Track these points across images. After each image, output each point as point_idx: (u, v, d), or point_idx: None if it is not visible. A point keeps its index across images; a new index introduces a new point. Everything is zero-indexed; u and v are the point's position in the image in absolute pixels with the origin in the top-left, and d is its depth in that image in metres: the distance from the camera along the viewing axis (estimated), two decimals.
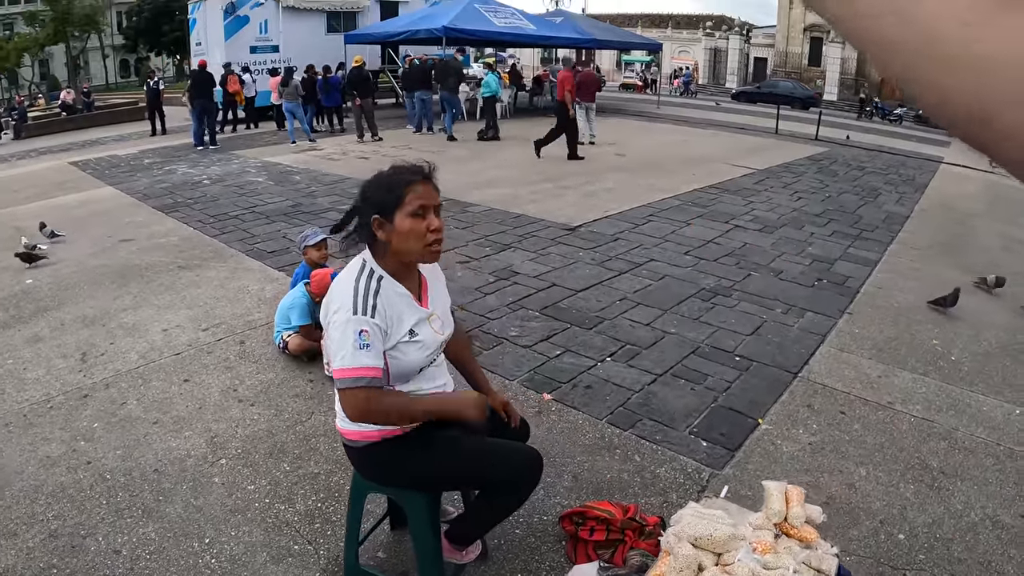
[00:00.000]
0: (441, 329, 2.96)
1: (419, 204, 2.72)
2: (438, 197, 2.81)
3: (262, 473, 4.30)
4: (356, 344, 2.60)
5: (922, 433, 4.90)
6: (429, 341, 2.87)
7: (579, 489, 4.12)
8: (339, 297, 2.71)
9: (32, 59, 74.85)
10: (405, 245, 2.75)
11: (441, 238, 2.77)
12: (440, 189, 2.88)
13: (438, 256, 2.83)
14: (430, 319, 2.90)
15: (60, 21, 67.77)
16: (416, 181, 2.76)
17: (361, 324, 2.62)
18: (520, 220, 10.50)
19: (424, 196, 2.74)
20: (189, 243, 9.56)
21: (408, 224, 2.71)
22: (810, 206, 12.38)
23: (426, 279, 3.00)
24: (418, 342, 2.81)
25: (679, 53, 70.59)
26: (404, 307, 2.81)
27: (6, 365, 5.97)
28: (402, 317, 2.78)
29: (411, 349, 2.79)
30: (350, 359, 2.60)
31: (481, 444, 2.88)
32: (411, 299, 2.86)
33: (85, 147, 23.06)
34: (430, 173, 2.82)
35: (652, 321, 6.74)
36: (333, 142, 20.07)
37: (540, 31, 27.20)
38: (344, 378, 2.61)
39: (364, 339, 2.61)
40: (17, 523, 3.86)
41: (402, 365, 2.76)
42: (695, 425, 4.88)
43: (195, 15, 29.04)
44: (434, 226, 2.73)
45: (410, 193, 2.73)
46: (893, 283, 8.28)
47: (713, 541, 2.89)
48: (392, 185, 2.78)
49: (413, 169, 2.81)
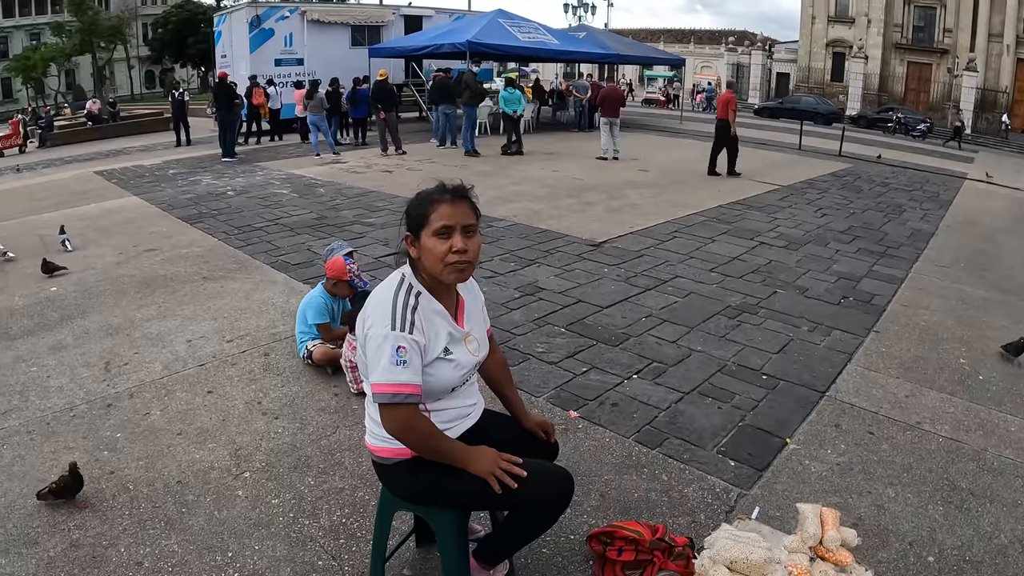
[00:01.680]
0: (476, 350, 2.95)
1: (442, 224, 2.71)
2: (470, 217, 2.77)
3: (286, 487, 4.29)
4: (393, 360, 2.60)
5: (951, 453, 4.85)
6: (463, 361, 2.86)
7: (606, 508, 4.09)
8: (376, 311, 2.71)
9: (58, 69, 75.70)
10: (429, 265, 2.75)
11: (463, 259, 2.73)
12: (478, 209, 2.86)
13: (461, 276, 2.80)
14: (466, 339, 2.90)
15: (87, 32, 68.67)
16: (443, 200, 2.75)
17: (399, 340, 2.62)
18: (545, 235, 10.49)
19: (448, 216, 2.72)
20: (213, 254, 9.61)
21: (431, 243, 2.72)
22: (835, 223, 12.32)
23: (463, 299, 2.99)
24: (452, 361, 2.81)
25: (702, 68, 70.61)
26: (441, 324, 2.80)
27: (30, 372, 6.00)
28: (439, 334, 2.78)
29: (445, 368, 2.78)
30: (387, 375, 2.60)
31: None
32: (448, 317, 2.85)
33: (110, 157, 23.34)
34: (463, 192, 2.81)
35: (678, 338, 6.71)
36: (357, 155, 20.19)
37: (563, 46, 27.29)
38: (383, 393, 2.62)
39: (401, 355, 2.61)
40: (38, 531, 3.86)
41: (434, 383, 2.75)
42: (722, 444, 4.85)
43: (220, 28, 29.51)
44: (456, 247, 2.70)
45: (434, 212, 2.73)
46: (919, 301, 8.22)
47: (749, 565, 2.86)
48: (421, 204, 2.78)
49: (443, 188, 2.81)
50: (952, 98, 51.17)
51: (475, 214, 2.81)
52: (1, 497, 4.18)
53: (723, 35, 77.46)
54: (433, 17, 31.31)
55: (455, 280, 2.80)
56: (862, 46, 57.58)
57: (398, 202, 12.74)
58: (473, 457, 2.76)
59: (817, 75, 62.21)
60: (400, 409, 2.63)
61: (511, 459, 2.78)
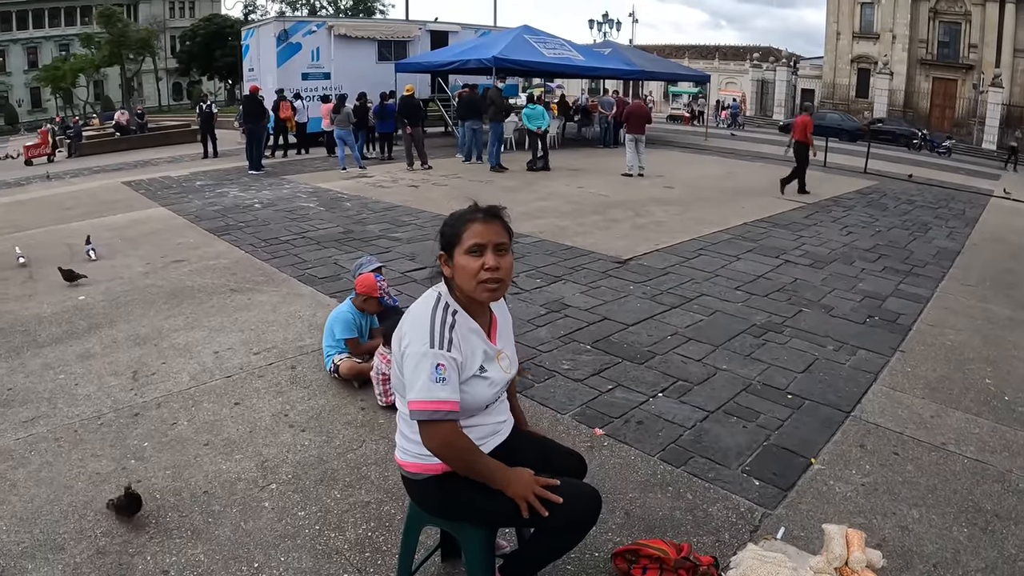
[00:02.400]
0: (508, 368, 2.99)
1: (474, 242, 2.76)
2: (502, 236, 2.82)
3: (312, 500, 4.32)
4: (432, 377, 2.63)
5: (976, 475, 4.83)
6: (497, 378, 2.90)
7: (631, 526, 4.10)
8: (413, 329, 2.75)
9: (87, 80, 76.48)
10: (462, 283, 2.80)
11: (495, 277, 2.77)
12: (510, 228, 2.90)
13: (493, 295, 2.83)
14: (498, 356, 2.94)
15: (116, 44, 69.31)
16: (476, 219, 2.80)
17: (438, 358, 2.65)
18: (571, 252, 10.52)
19: (480, 234, 2.77)
20: (240, 266, 9.71)
21: (464, 261, 2.77)
22: (860, 241, 12.29)
23: (496, 317, 3.04)
24: (487, 378, 2.85)
25: (726, 85, 70.49)
26: (476, 343, 2.85)
27: (58, 380, 6.08)
28: (475, 352, 2.82)
29: (480, 385, 2.82)
30: (426, 392, 2.63)
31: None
32: (483, 335, 2.90)
33: (138, 167, 23.62)
34: (496, 212, 2.86)
35: (704, 357, 6.72)
36: (383, 170, 20.34)
37: (589, 62, 27.34)
38: (422, 410, 2.65)
39: (440, 373, 2.64)
40: (65, 537, 3.91)
41: (469, 400, 2.78)
42: (747, 463, 4.85)
43: (248, 41, 29.77)
44: (488, 264, 2.75)
45: (467, 231, 2.78)
46: (945, 320, 8.19)
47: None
48: (455, 223, 2.84)
49: (476, 207, 2.86)
50: (977, 114, 50.90)
51: (508, 233, 2.86)
52: (28, 503, 4.24)
53: (748, 51, 77.21)
54: (459, 33, 31.49)
55: (487, 298, 2.83)
56: (887, 62, 57.36)
57: (424, 217, 12.87)
58: (511, 479, 2.78)
59: (842, 91, 62.00)
60: (440, 426, 2.66)
61: (548, 483, 2.81)
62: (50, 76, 72.44)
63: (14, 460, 4.76)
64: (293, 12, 76.38)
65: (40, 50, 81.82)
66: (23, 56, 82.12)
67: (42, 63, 78.41)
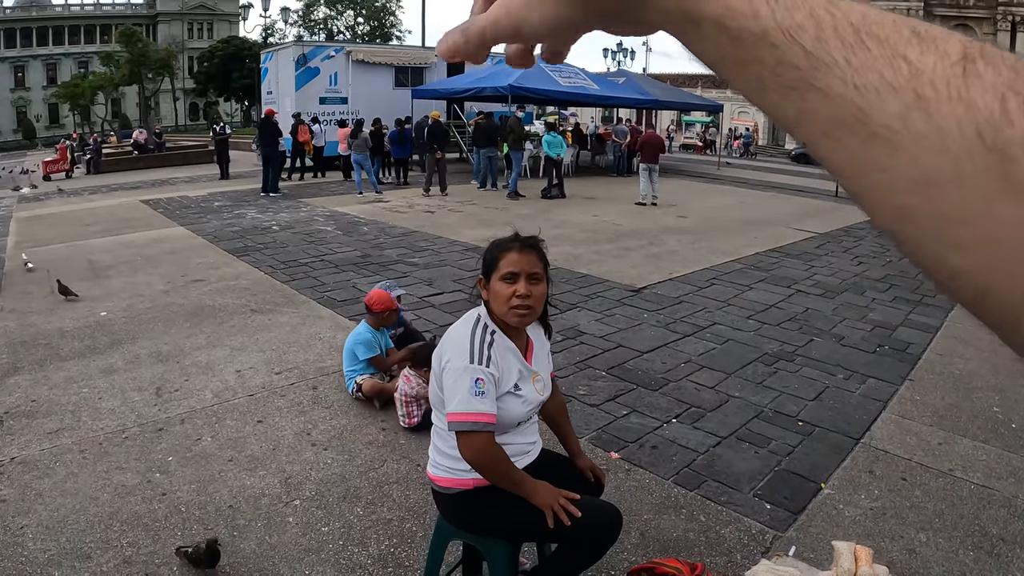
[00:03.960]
0: (542, 390, 3.13)
1: (509, 270, 2.91)
2: (536, 266, 2.97)
3: (336, 516, 4.43)
4: (472, 391, 2.78)
5: (982, 500, 4.92)
6: (530, 398, 3.03)
7: (646, 546, 4.22)
8: (454, 347, 2.90)
9: (106, 98, 76.88)
10: (495, 307, 2.96)
11: (526, 304, 2.91)
12: (546, 259, 3.06)
13: (522, 320, 2.97)
14: (533, 378, 3.07)
15: (136, 63, 69.60)
16: (512, 248, 2.96)
17: (477, 373, 2.80)
18: (585, 280, 10.63)
19: (516, 263, 2.93)
20: (260, 287, 9.85)
21: (498, 287, 2.93)
22: (871, 271, 12.35)
23: (532, 341, 3.18)
24: (521, 397, 2.98)
25: (739, 114, 70.47)
26: (512, 361, 2.99)
27: (81, 393, 6.22)
28: (511, 370, 2.96)
29: (514, 403, 2.96)
30: (466, 404, 2.77)
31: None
32: (519, 355, 3.04)
33: (155, 186, 23.84)
34: (532, 243, 3.02)
35: (716, 384, 6.83)
36: (399, 195, 20.48)
37: (603, 91, 27.41)
38: (462, 421, 2.78)
39: (480, 387, 2.78)
40: (91, 546, 4.01)
41: (503, 416, 2.91)
42: (759, 488, 4.96)
43: (267, 64, 29.97)
44: (519, 292, 2.89)
45: (504, 259, 2.94)
46: (954, 349, 8.25)
47: None
48: (494, 250, 3.01)
49: (515, 237, 3.03)
50: None
51: (543, 264, 3.02)
52: (54, 512, 4.36)
53: None
54: None
55: (517, 323, 2.97)
56: None
57: (441, 243, 12.99)
58: (538, 489, 2.92)
59: None
60: (478, 436, 2.80)
61: (570, 495, 2.93)
62: (69, 93, 72.67)
63: (39, 470, 4.88)
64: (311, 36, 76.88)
65: (59, 67, 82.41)
66: (42, 72, 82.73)
67: (61, 80, 78.81)
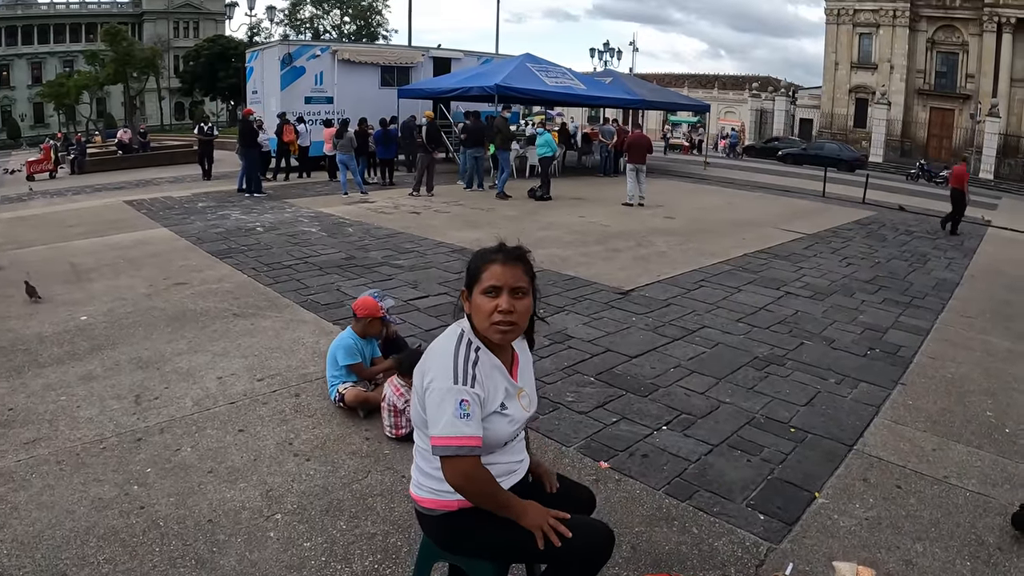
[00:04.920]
0: (528, 406, 3.02)
1: (491, 284, 2.79)
2: (520, 280, 2.83)
3: (318, 530, 4.32)
4: (456, 413, 2.65)
5: (978, 508, 4.87)
6: (516, 416, 2.92)
7: (637, 560, 4.13)
8: (437, 365, 2.77)
9: (91, 97, 76.70)
10: (476, 322, 2.84)
11: (508, 320, 2.78)
12: (533, 271, 2.93)
13: (504, 337, 2.83)
14: (519, 394, 2.96)
15: (121, 62, 69.45)
16: (495, 260, 2.83)
17: (462, 394, 2.68)
18: (573, 282, 10.57)
19: (497, 276, 2.79)
20: (243, 290, 9.73)
21: (480, 301, 2.80)
22: (860, 272, 12.38)
23: (518, 355, 3.07)
24: (507, 416, 2.87)
25: (725, 114, 70.74)
26: (499, 379, 2.87)
27: (59, 401, 6.07)
28: (497, 389, 2.85)
29: (500, 422, 2.85)
30: (451, 428, 2.65)
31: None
32: (505, 372, 2.93)
33: (140, 187, 23.80)
34: (518, 254, 2.89)
35: (707, 390, 6.76)
36: (384, 195, 20.43)
37: (590, 91, 27.49)
38: (446, 446, 2.66)
39: (465, 408, 2.66)
40: (67, 563, 3.90)
41: (490, 436, 2.79)
42: (752, 498, 4.89)
43: (253, 64, 29.99)
44: (501, 307, 2.77)
45: (486, 271, 2.81)
46: (945, 353, 8.24)
47: None
48: (476, 262, 2.88)
49: (500, 248, 2.89)
50: (974, 144, 51.10)
51: (528, 277, 2.88)
52: (30, 527, 4.23)
53: (747, 80, 77.59)
54: (462, 60, 31.68)
55: (499, 340, 2.85)
56: (885, 92, 57.57)
57: (426, 244, 12.93)
58: (527, 509, 2.81)
59: (840, 121, 62.20)
60: (464, 461, 2.68)
61: (559, 515, 2.83)
62: (54, 92, 72.58)
63: (15, 482, 4.75)
64: (297, 35, 76.81)
65: (44, 65, 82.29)
66: (27, 71, 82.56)
67: (46, 79, 78.77)
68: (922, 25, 58.07)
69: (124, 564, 3.92)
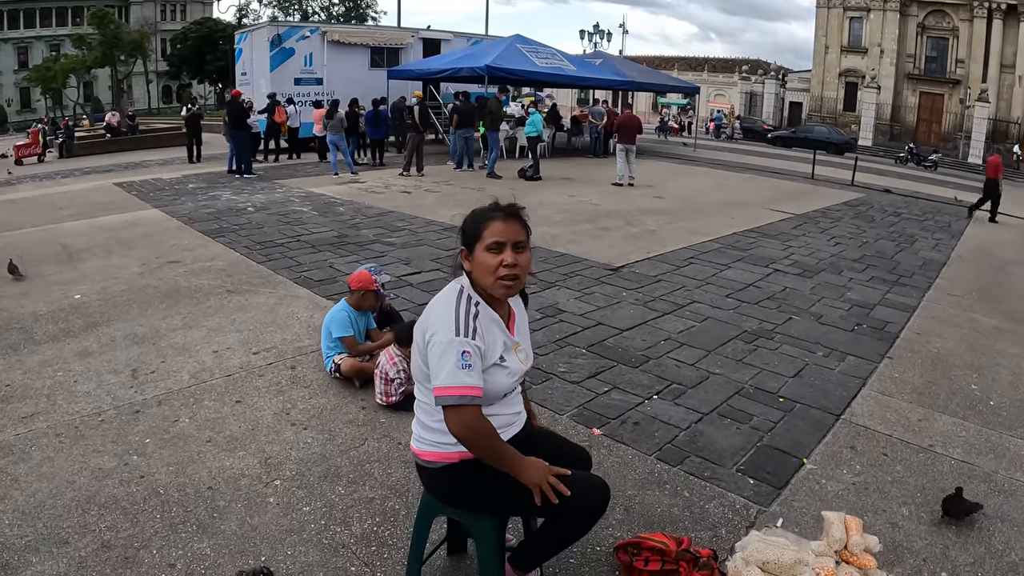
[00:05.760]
0: (524, 360, 3.08)
1: (494, 240, 2.84)
2: (521, 234, 2.90)
3: (317, 495, 4.37)
4: (459, 364, 2.71)
5: (963, 475, 4.94)
6: (515, 369, 2.99)
7: (630, 522, 4.20)
8: (439, 319, 2.83)
9: (78, 81, 75.92)
10: (480, 277, 2.89)
11: (513, 274, 2.85)
12: (529, 227, 2.99)
13: (508, 291, 2.91)
14: (516, 348, 3.02)
15: (108, 46, 68.78)
16: (496, 217, 2.89)
17: (464, 345, 2.74)
18: (564, 259, 10.60)
19: (501, 232, 2.86)
20: (236, 268, 9.74)
21: (483, 257, 2.86)
22: (848, 251, 12.45)
23: (514, 311, 3.12)
24: (506, 368, 2.93)
25: (715, 96, 70.71)
26: (497, 333, 2.93)
27: (56, 377, 6.10)
28: (496, 342, 2.91)
29: (500, 374, 2.91)
30: (453, 378, 2.70)
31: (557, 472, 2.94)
32: (503, 326, 2.98)
33: (129, 169, 23.61)
34: (515, 211, 2.95)
35: (697, 361, 6.83)
36: (375, 175, 20.39)
37: (580, 72, 27.46)
38: (449, 395, 2.71)
39: (466, 359, 2.72)
40: (69, 531, 3.93)
41: (490, 388, 2.85)
42: (742, 463, 4.96)
43: (241, 45, 29.75)
44: (506, 261, 2.83)
45: (488, 228, 2.86)
46: (931, 329, 8.32)
47: (779, 566, 2.99)
48: (476, 220, 2.93)
49: (497, 206, 2.95)
50: (964, 128, 51.23)
51: (526, 232, 2.95)
52: (31, 497, 4.26)
53: (737, 64, 77.62)
54: (451, 41, 31.51)
55: (503, 294, 2.92)
56: (875, 76, 57.60)
57: (418, 223, 12.95)
58: (526, 466, 2.86)
59: (830, 104, 62.21)
60: (466, 411, 2.73)
61: (560, 472, 2.89)
62: (40, 76, 71.76)
63: (15, 455, 4.77)
64: (285, 17, 76.31)
65: (31, 50, 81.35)
66: (13, 56, 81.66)
67: (32, 63, 77.72)
68: (912, 10, 58.05)
69: (126, 531, 3.95)
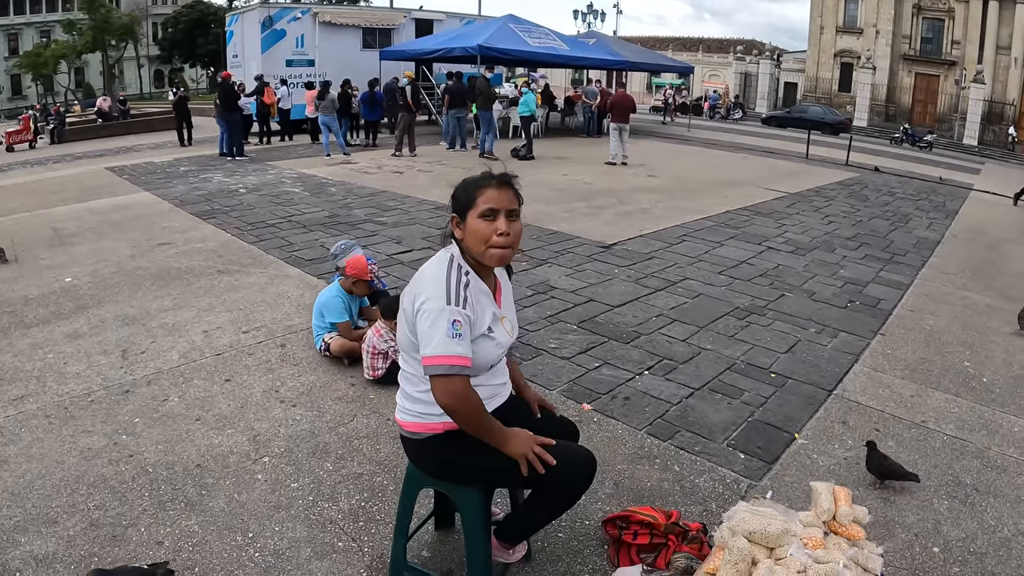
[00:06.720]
0: (511, 331, 3.06)
1: (488, 207, 2.81)
2: (513, 202, 2.88)
3: (305, 472, 4.37)
4: (449, 333, 2.67)
5: (955, 451, 4.95)
6: (502, 340, 2.96)
7: (620, 496, 4.19)
8: (429, 287, 2.78)
9: (69, 66, 75.48)
10: (472, 245, 2.85)
11: (506, 242, 2.82)
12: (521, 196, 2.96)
13: (500, 259, 2.87)
14: (502, 320, 2.99)
15: (98, 30, 68.36)
16: (490, 185, 2.86)
17: (454, 314, 2.70)
18: (556, 236, 10.59)
19: (494, 199, 2.83)
20: (227, 249, 9.70)
21: (476, 225, 2.82)
22: (841, 230, 12.43)
23: (500, 283, 3.09)
24: (493, 339, 2.90)
25: (709, 77, 70.49)
26: (486, 304, 2.89)
27: (46, 359, 6.07)
28: (484, 312, 2.87)
29: (488, 345, 2.87)
30: (443, 347, 2.67)
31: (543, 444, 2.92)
32: (491, 297, 2.95)
33: (120, 153, 23.55)
34: (508, 180, 2.91)
35: (688, 337, 6.81)
36: (367, 156, 20.33)
37: (574, 52, 27.39)
38: (438, 364, 2.68)
39: (457, 328, 2.68)
40: (58, 511, 3.92)
41: (478, 359, 2.81)
42: (732, 438, 4.95)
43: (233, 27, 29.62)
44: (500, 229, 2.80)
45: (481, 196, 2.83)
46: (925, 306, 8.31)
47: (767, 536, 2.97)
48: (468, 187, 2.90)
49: (490, 174, 2.93)
50: (959, 110, 51.15)
51: (518, 200, 2.92)
52: (20, 478, 4.25)
53: (731, 44, 77.25)
54: (444, 21, 31.44)
55: (496, 262, 2.88)
56: (870, 57, 57.44)
57: (410, 202, 12.92)
58: (511, 437, 2.84)
59: (825, 85, 62.08)
60: (455, 380, 2.70)
61: (544, 442, 2.87)
62: (31, 63, 71.21)
63: (4, 437, 4.76)
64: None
65: (21, 36, 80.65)
66: (3, 43, 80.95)
67: (23, 49, 77.16)
68: None
69: (114, 509, 3.95)
